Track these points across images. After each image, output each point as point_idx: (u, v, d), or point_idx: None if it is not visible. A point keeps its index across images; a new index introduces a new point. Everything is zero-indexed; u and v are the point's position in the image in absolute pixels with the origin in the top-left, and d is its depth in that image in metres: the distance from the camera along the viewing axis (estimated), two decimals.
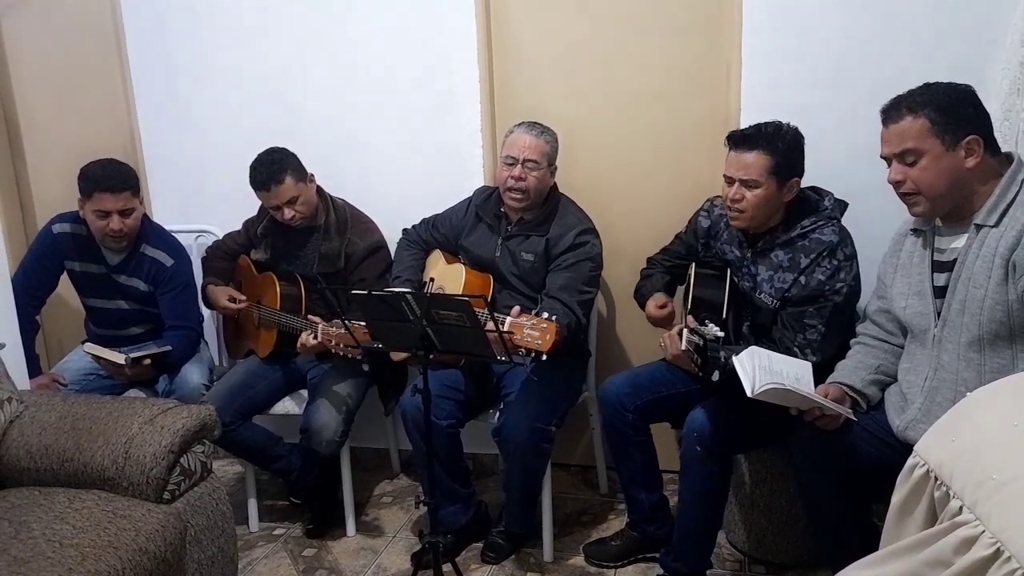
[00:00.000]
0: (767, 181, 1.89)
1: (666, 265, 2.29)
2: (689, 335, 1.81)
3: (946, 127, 1.56)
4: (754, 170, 1.89)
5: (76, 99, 2.79)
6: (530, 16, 2.54)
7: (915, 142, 1.58)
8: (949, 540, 1.04)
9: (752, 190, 1.90)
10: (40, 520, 1.63)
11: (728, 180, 1.96)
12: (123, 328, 2.50)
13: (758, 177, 1.89)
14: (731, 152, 1.95)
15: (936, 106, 1.56)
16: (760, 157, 1.89)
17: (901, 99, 1.62)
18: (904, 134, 1.59)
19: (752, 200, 1.91)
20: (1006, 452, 1.07)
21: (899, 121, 1.60)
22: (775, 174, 1.89)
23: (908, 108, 1.59)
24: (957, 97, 1.58)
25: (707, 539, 2.03)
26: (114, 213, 2.29)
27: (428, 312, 1.75)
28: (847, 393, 1.78)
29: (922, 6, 2.14)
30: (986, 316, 1.54)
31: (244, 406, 2.36)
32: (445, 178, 2.61)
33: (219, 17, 2.73)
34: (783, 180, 1.91)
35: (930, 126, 1.56)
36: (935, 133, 1.56)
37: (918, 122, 1.57)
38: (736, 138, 1.94)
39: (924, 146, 1.57)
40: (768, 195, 1.91)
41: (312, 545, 2.44)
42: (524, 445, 2.10)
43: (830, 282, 1.89)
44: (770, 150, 1.88)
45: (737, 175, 1.92)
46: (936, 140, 1.56)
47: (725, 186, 1.98)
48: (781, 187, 1.91)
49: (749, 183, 1.90)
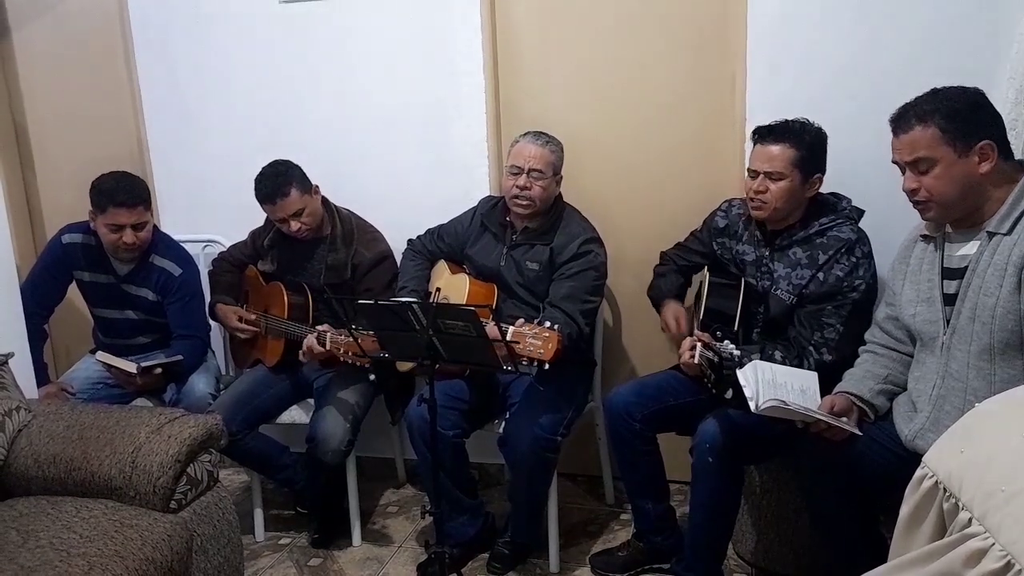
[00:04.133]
0: (791, 173, 1.92)
1: (679, 263, 2.30)
2: (703, 350, 1.80)
3: (957, 134, 1.54)
4: (779, 162, 1.92)
5: (85, 110, 2.81)
6: (535, 27, 2.55)
7: (927, 151, 1.56)
8: (958, 552, 1.03)
9: (776, 182, 1.93)
10: (47, 529, 1.64)
11: (752, 174, 1.98)
12: (130, 338, 2.51)
13: (783, 169, 1.92)
14: (756, 146, 1.98)
15: (945, 113, 1.54)
16: (786, 150, 1.92)
17: (909, 107, 1.60)
18: (915, 144, 1.57)
19: (776, 192, 1.94)
20: (1016, 464, 1.06)
21: (909, 131, 1.58)
22: (799, 167, 1.92)
23: (917, 117, 1.57)
24: (966, 102, 1.55)
25: (718, 550, 2.02)
26: (128, 227, 2.31)
27: (434, 322, 1.75)
28: (855, 403, 1.76)
29: (928, 16, 2.14)
30: (997, 325, 1.53)
31: (251, 415, 2.36)
32: (450, 188, 2.62)
33: (226, 30, 2.75)
34: (807, 174, 1.94)
35: (941, 134, 1.54)
36: (946, 141, 1.54)
37: (928, 131, 1.55)
38: (762, 131, 1.98)
39: (936, 154, 1.55)
40: (792, 187, 1.93)
41: (318, 555, 2.43)
42: (529, 455, 2.10)
43: (848, 279, 1.90)
44: (796, 143, 1.92)
45: (762, 167, 1.95)
46: (948, 148, 1.54)
47: (748, 180, 2.00)
48: (804, 181, 1.94)
49: (773, 175, 1.93)
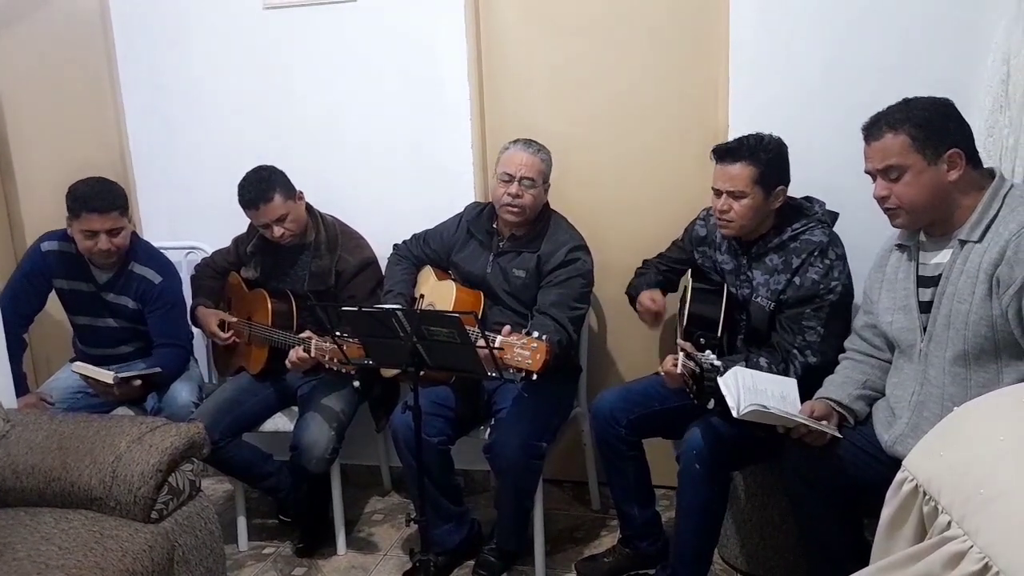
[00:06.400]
0: (753, 191, 1.94)
1: (661, 268, 2.33)
2: (685, 360, 1.81)
3: (927, 142, 1.58)
4: (740, 181, 1.94)
5: (66, 116, 2.78)
6: (520, 34, 2.56)
7: (897, 158, 1.60)
8: (938, 555, 1.04)
9: (739, 200, 1.95)
10: (25, 541, 1.62)
11: (716, 192, 2.00)
12: (112, 346, 2.49)
13: (744, 188, 1.94)
14: (717, 165, 2.00)
15: (916, 122, 1.59)
16: (745, 168, 1.93)
17: (881, 116, 1.64)
18: (886, 151, 1.61)
19: (740, 210, 1.96)
20: (993, 467, 1.07)
21: (880, 138, 1.62)
22: (760, 183, 1.94)
23: (888, 125, 1.61)
24: (936, 111, 1.60)
25: (705, 556, 2.02)
26: (102, 233, 2.28)
27: (419, 329, 1.75)
28: (834, 408, 1.78)
29: (907, 24, 2.17)
30: (971, 331, 1.55)
31: (234, 423, 2.34)
32: (436, 195, 2.62)
33: (209, 37, 2.74)
34: (769, 189, 1.95)
35: (911, 142, 1.59)
36: (916, 148, 1.58)
37: (899, 138, 1.60)
38: (720, 152, 1.99)
39: (906, 162, 1.60)
40: (755, 204, 1.95)
41: (302, 564, 2.41)
42: (515, 462, 2.09)
43: (824, 281, 1.92)
44: (754, 161, 1.93)
45: (724, 187, 1.96)
46: (918, 155, 1.59)
47: (713, 198, 2.02)
48: (767, 195, 1.96)
49: (736, 194, 1.95)
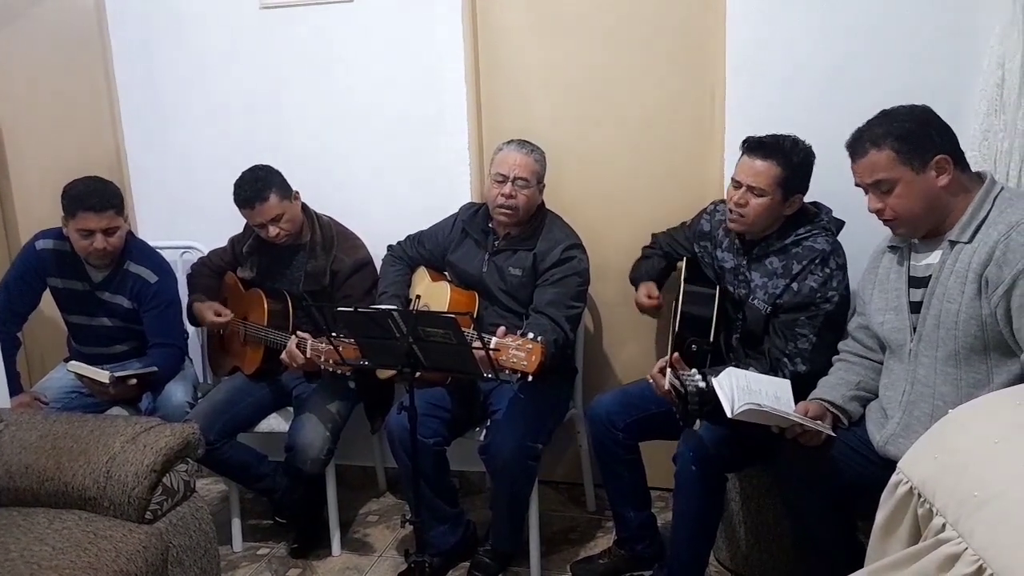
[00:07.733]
0: (773, 191, 1.92)
1: (666, 249, 2.33)
2: (672, 377, 1.80)
3: (912, 153, 1.58)
4: (763, 178, 1.92)
5: (62, 115, 2.78)
6: (518, 37, 2.56)
7: (885, 173, 1.60)
8: (933, 557, 1.04)
9: (757, 197, 1.93)
10: (18, 541, 1.61)
11: (736, 184, 1.98)
12: (107, 346, 2.48)
13: (765, 186, 1.92)
14: (744, 156, 1.97)
15: (897, 135, 1.59)
16: (772, 167, 1.92)
17: (862, 132, 1.64)
18: (874, 167, 1.61)
19: (755, 207, 1.94)
20: (988, 469, 1.08)
21: (865, 155, 1.62)
22: (782, 186, 1.92)
23: (871, 142, 1.61)
24: (916, 120, 1.60)
25: (701, 558, 2.02)
26: (98, 232, 2.27)
27: (415, 329, 1.74)
28: (828, 409, 1.78)
29: (903, 30, 2.18)
30: (961, 331, 1.56)
31: (229, 424, 2.33)
32: (432, 196, 2.61)
33: (206, 35, 2.73)
34: (788, 193, 1.94)
35: (896, 155, 1.59)
36: (902, 161, 1.58)
37: (883, 154, 1.59)
38: (752, 144, 1.97)
39: (895, 175, 1.59)
40: (771, 205, 1.94)
41: (297, 565, 2.41)
42: (511, 463, 2.09)
43: (822, 290, 1.92)
44: (783, 161, 1.92)
45: (746, 180, 1.94)
46: (905, 168, 1.59)
47: (731, 189, 2.00)
48: (785, 200, 1.95)
49: (755, 190, 1.93)
